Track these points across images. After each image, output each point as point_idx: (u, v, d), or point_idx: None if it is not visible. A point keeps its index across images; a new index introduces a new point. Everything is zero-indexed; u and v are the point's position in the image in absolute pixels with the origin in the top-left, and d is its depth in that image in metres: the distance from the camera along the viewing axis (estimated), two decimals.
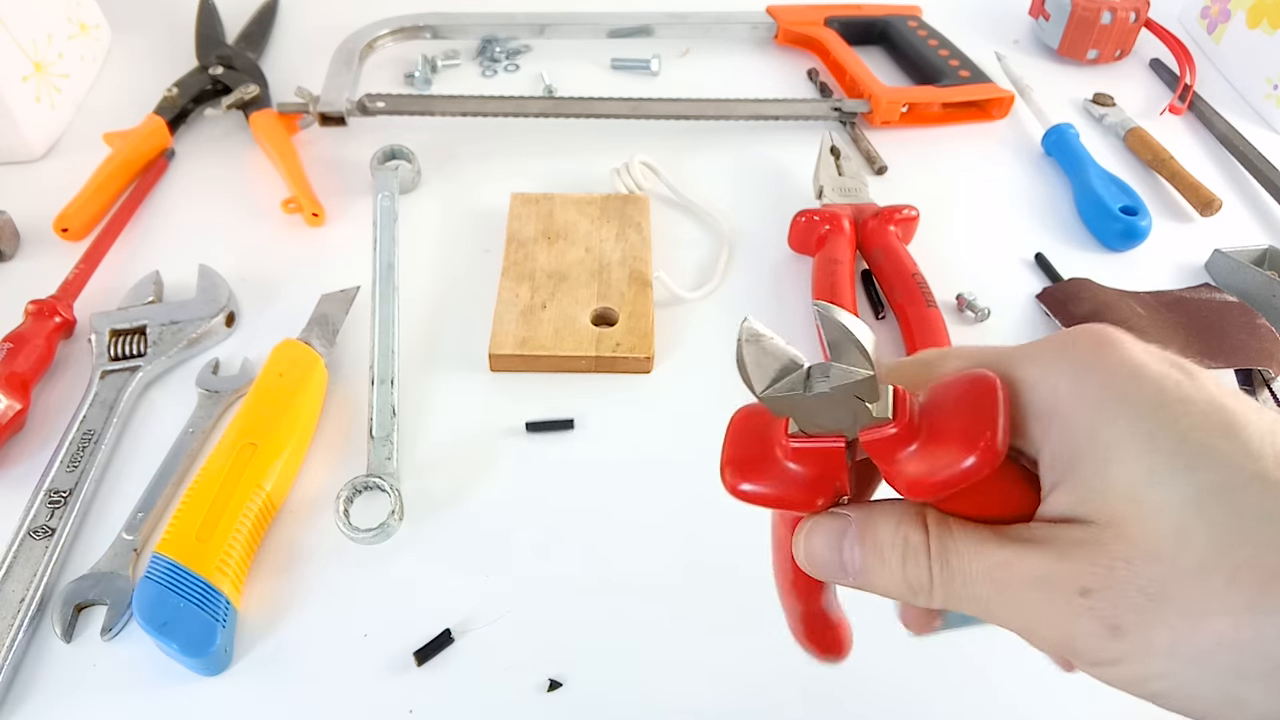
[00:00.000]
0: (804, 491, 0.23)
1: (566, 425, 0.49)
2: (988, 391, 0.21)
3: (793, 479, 0.23)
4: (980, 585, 0.21)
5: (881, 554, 0.22)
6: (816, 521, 0.24)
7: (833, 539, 0.23)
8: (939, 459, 0.21)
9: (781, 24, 0.78)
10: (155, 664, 0.39)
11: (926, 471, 0.21)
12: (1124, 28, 0.76)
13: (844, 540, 0.23)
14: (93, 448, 0.45)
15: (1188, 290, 0.57)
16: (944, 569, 0.21)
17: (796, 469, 0.23)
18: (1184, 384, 0.20)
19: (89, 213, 0.58)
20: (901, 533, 0.22)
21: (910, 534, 0.22)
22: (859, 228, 0.58)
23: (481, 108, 0.67)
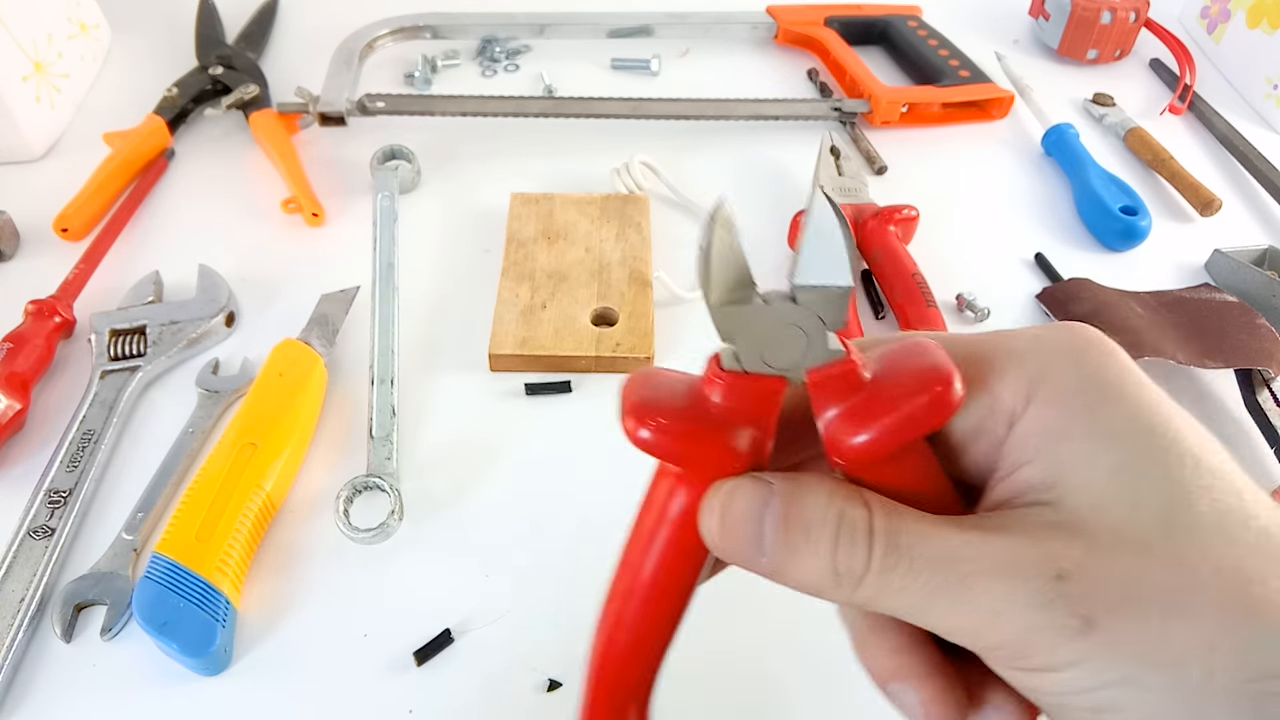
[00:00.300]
0: (725, 439, 0.20)
1: (564, 388, 0.50)
2: (936, 349, 0.20)
3: (714, 423, 0.20)
4: (926, 574, 0.18)
5: (808, 531, 0.19)
6: (736, 485, 0.20)
7: (753, 508, 0.20)
8: (894, 402, 0.19)
9: (781, 24, 0.78)
10: (155, 664, 0.39)
11: (879, 417, 0.19)
12: (1124, 28, 0.76)
13: (765, 511, 0.20)
14: (93, 448, 0.45)
15: (1187, 290, 0.57)
16: (888, 553, 0.19)
17: (721, 410, 0.20)
18: (1160, 392, 0.20)
19: (89, 213, 0.58)
20: (836, 508, 0.19)
21: (848, 509, 0.19)
22: (859, 228, 0.58)
23: (481, 108, 0.67)
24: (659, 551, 0.22)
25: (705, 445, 0.20)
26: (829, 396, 0.19)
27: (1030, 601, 0.17)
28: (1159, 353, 0.49)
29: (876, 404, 0.19)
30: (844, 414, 0.19)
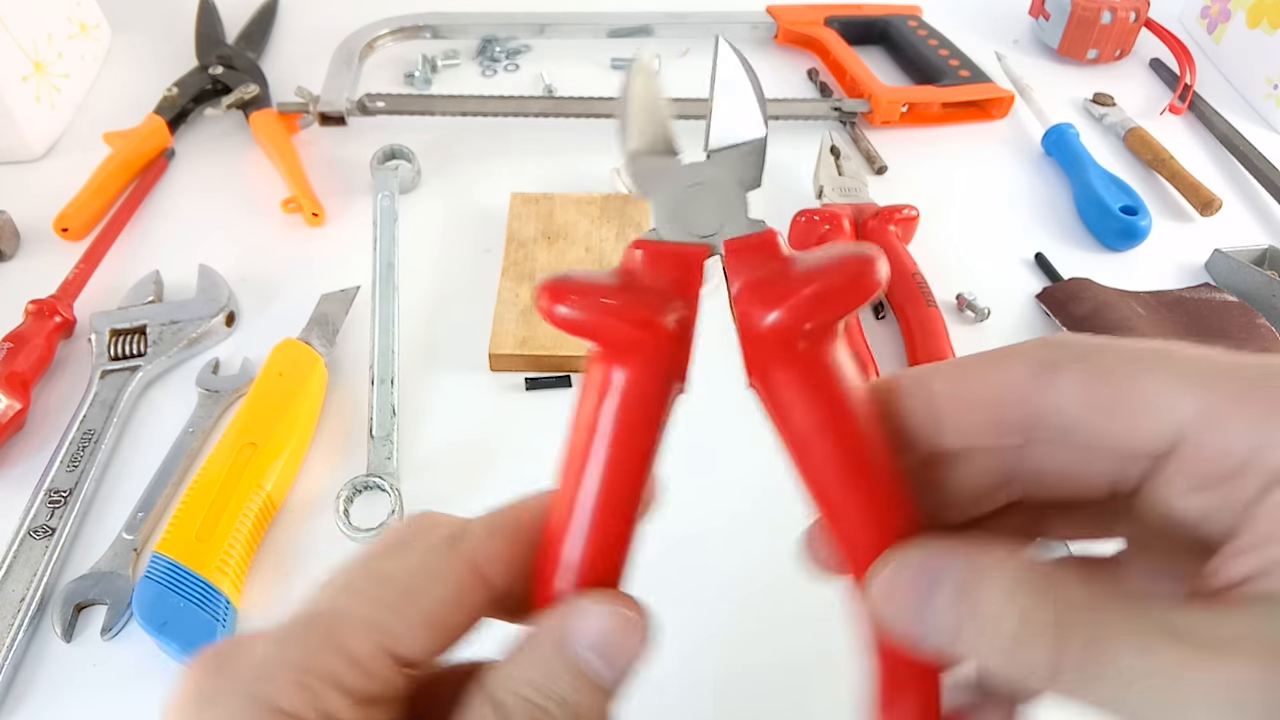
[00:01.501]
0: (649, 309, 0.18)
1: (564, 382, 0.50)
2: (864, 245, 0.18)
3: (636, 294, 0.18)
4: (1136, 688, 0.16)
5: (986, 623, 0.17)
6: (901, 562, 0.18)
7: (917, 592, 0.18)
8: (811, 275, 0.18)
9: (781, 24, 0.78)
10: (155, 664, 0.39)
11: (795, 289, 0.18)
12: (1124, 27, 0.76)
13: (933, 595, 0.17)
14: (93, 447, 0.45)
15: (1187, 290, 0.57)
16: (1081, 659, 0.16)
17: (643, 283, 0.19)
18: None
19: (89, 212, 0.58)
20: (1021, 603, 0.16)
21: (1034, 609, 0.16)
22: (859, 227, 0.58)
23: (481, 108, 0.67)
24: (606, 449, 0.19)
25: (628, 316, 0.18)
26: (745, 267, 0.18)
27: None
28: None
29: (794, 275, 0.18)
30: (757, 282, 0.18)
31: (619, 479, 0.19)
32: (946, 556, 0.18)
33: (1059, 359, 0.18)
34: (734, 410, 0.24)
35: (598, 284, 0.19)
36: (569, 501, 0.20)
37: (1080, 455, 0.19)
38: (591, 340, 0.19)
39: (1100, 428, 0.18)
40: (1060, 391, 0.18)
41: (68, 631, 0.39)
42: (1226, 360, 0.17)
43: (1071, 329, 0.53)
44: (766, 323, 0.18)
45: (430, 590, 0.19)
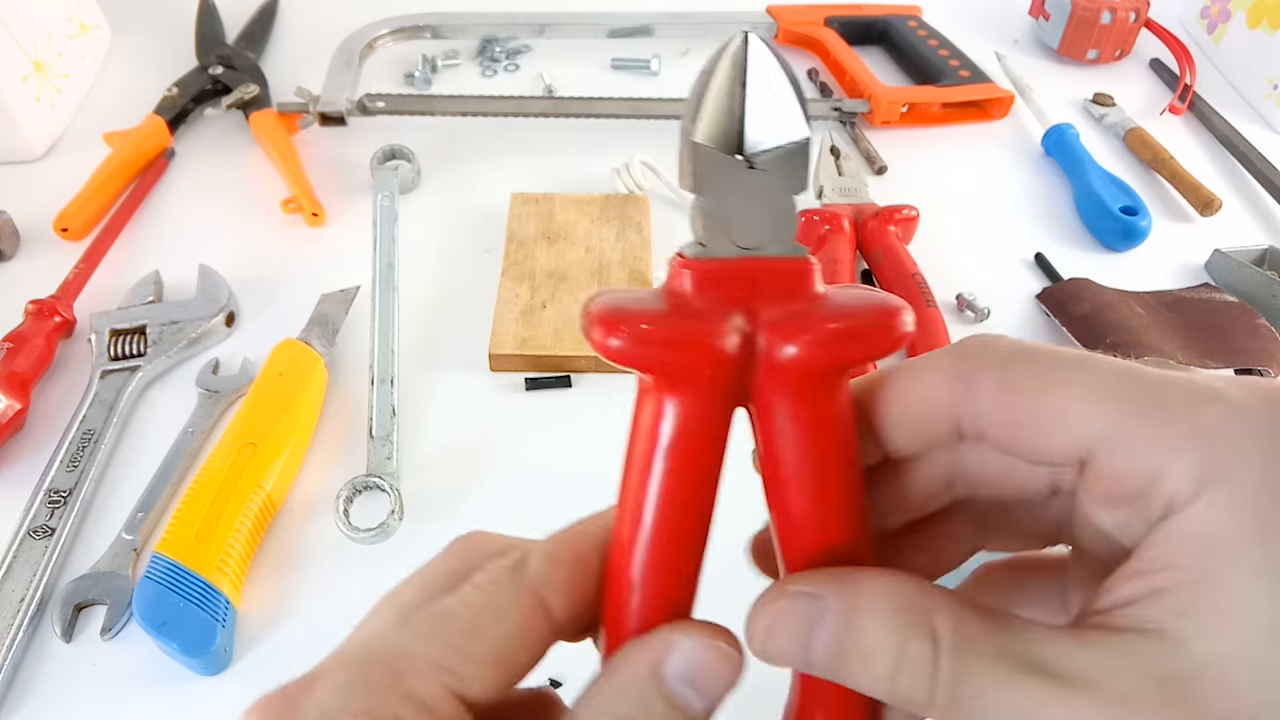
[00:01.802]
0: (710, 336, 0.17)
1: (564, 382, 0.50)
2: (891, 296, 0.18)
3: (694, 318, 0.18)
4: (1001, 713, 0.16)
5: (866, 658, 0.17)
6: (780, 606, 0.18)
7: (798, 626, 0.18)
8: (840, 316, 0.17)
9: (781, 24, 0.78)
10: (155, 663, 0.39)
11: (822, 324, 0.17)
12: (1124, 28, 0.76)
13: (816, 630, 0.18)
14: (93, 447, 0.45)
15: (1187, 290, 0.57)
16: (952, 693, 0.16)
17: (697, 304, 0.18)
18: None
19: (89, 212, 0.58)
20: (897, 639, 0.17)
21: (911, 643, 0.17)
22: (859, 227, 0.58)
23: (481, 108, 0.67)
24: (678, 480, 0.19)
25: (690, 347, 0.17)
26: (793, 291, 0.18)
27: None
28: (1160, 352, 0.49)
29: (821, 313, 0.18)
30: (788, 316, 0.18)
31: (691, 507, 0.19)
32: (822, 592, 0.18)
33: (973, 369, 0.19)
34: None
35: (651, 311, 0.18)
36: (640, 530, 0.19)
37: (1010, 460, 0.20)
38: (653, 374, 0.18)
39: (1013, 438, 0.18)
40: (976, 402, 0.18)
41: (67, 631, 0.39)
42: (1137, 376, 0.17)
43: (1071, 329, 0.53)
44: (783, 355, 0.18)
45: (496, 627, 0.18)
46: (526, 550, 0.20)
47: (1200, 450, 0.16)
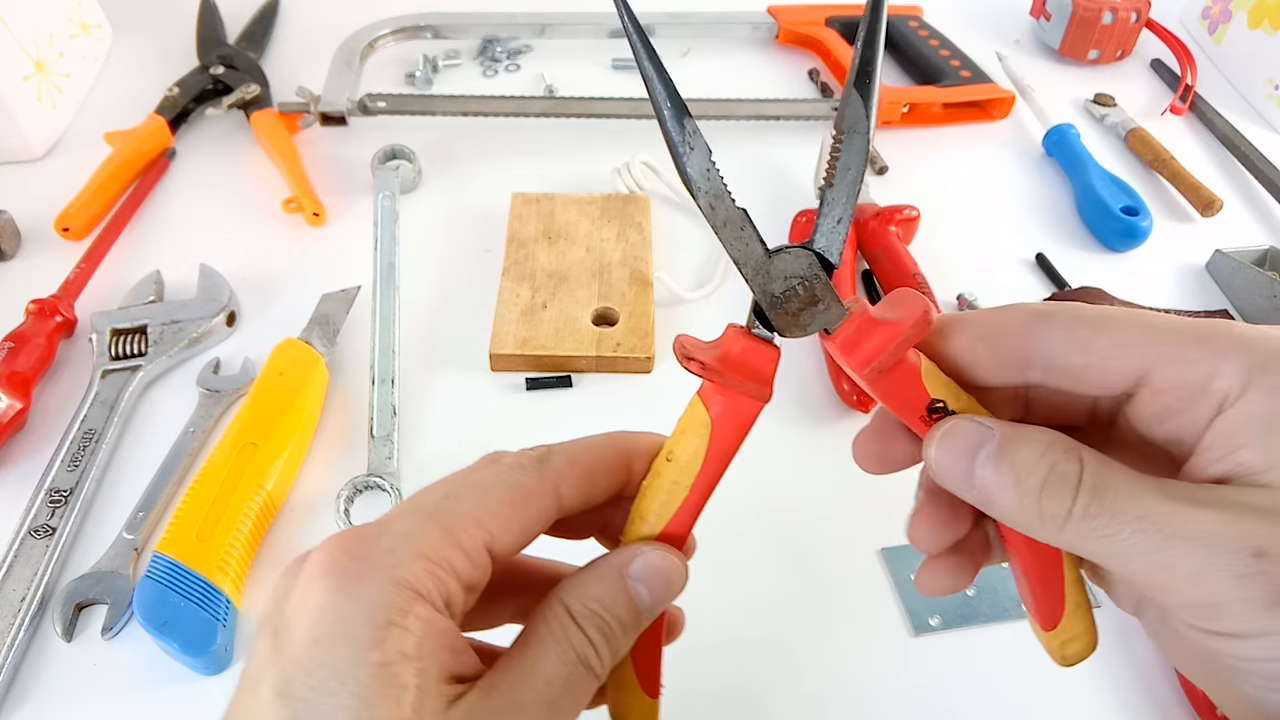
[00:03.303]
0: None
1: (565, 382, 0.50)
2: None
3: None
4: (1128, 531, 0.20)
5: (1018, 476, 0.21)
6: (955, 425, 0.23)
7: (969, 447, 0.22)
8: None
9: (782, 24, 0.78)
10: (156, 663, 0.39)
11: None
12: (1125, 28, 0.76)
13: (981, 450, 0.22)
14: (93, 447, 0.45)
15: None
16: (1093, 504, 0.20)
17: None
18: None
19: (90, 212, 0.58)
20: (1049, 459, 0.21)
21: (1062, 462, 0.21)
22: (860, 228, 0.58)
23: (482, 108, 0.67)
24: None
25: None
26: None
27: (1226, 572, 0.19)
28: None
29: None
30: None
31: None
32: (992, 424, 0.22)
33: (1050, 311, 0.23)
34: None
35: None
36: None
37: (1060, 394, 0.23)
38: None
39: (1081, 366, 0.22)
40: (1050, 334, 0.22)
41: (68, 631, 0.40)
42: (1178, 319, 0.22)
43: None
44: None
45: (524, 502, 0.23)
46: (551, 449, 0.25)
47: (1239, 357, 0.20)
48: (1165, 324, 0.21)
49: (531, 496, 0.23)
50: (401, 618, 0.20)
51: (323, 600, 0.20)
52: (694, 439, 0.25)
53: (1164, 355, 0.21)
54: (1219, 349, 0.20)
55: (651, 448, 0.26)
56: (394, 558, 0.21)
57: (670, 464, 0.25)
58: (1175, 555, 0.19)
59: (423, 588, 0.21)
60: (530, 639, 0.23)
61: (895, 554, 0.43)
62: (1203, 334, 0.21)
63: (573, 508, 0.25)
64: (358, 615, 0.20)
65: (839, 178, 0.23)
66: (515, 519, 0.23)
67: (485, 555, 0.22)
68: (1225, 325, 0.21)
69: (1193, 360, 0.21)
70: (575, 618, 0.23)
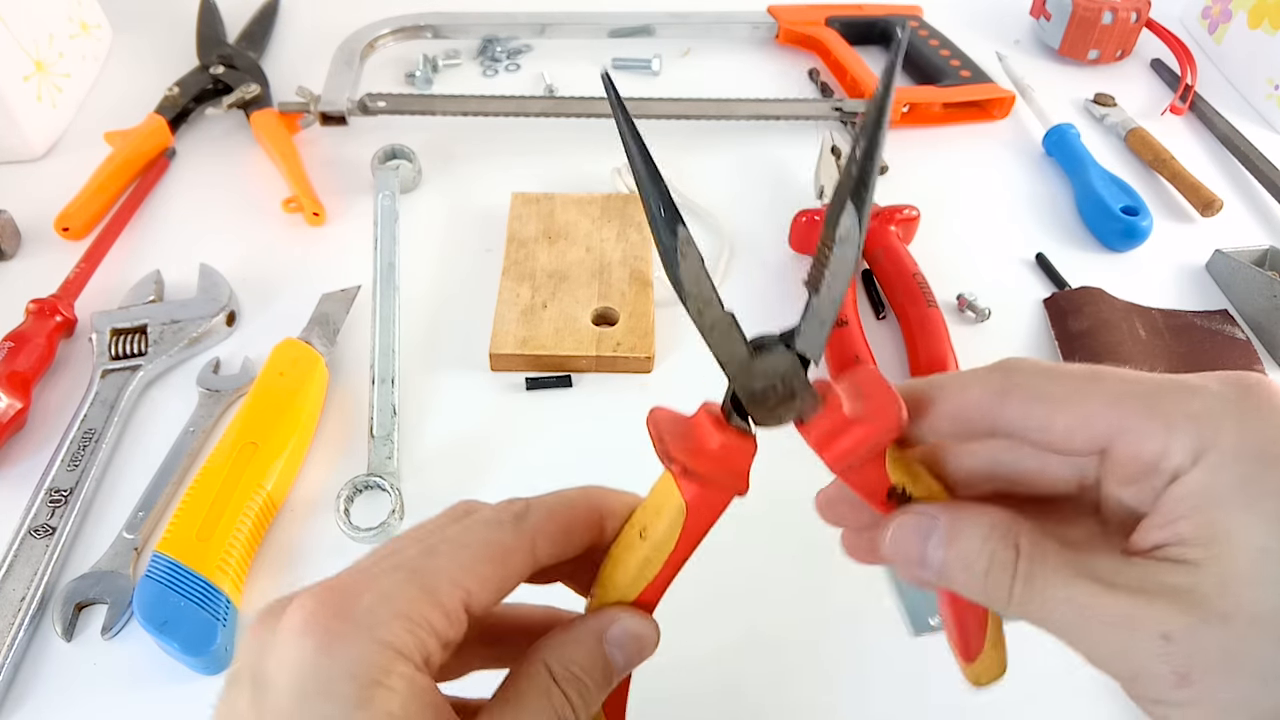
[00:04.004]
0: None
1: (565, 382, 0.50)
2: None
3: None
4: (1059, 612, 0.22)
5: (965, 563, 0.23)
6: (903, 521, 0.24)
7: (918, 539, 0.24)
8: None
9: (782, 24, 0.78)
10: (156, 663, 0.39)
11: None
12: (1125, 28, 0.76)
13: (929, 540, 0.24)
14: (93, 447, 0.45)
15: (1201, 316, 0.56)
16: (1026, 590, 0.22)
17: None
18: None
19: (90, 212, 0.58)
20: (989, 547, 0.23)
21: (999, 551, 0.22)
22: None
23: (482, 107, 0.67)
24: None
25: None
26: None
27: (1140, 652, 0.21)
28: None
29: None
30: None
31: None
32: (937, 513, 0.24)
33: (1010, 386, 0.24)
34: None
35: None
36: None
37: (1043, 458, 0.25)
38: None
39: (1045, 439, 0.23)
40: (1011, 410, 0.23)
41: (68, 631, 0.40)
42: (1137, 381, 0.22)
43: (1064, 344, 0.53)
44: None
45: (501, 558, 0.24)
46: (529, 504, 0.25)
47: (1192, 431, 0.21)
48: (1124, 393, 0.22)
49: (510, 553, 0.24)
50: (386, 677, 0.20)
51: (306, 658, 0.20)
52: (667, 521, 0.25)
53: (1121, 429, 0.22)
54: (1171, 423, 0.21)
55: (624, 508, 0.26)
56: (375, 617, 0.21)
57: (644, 541, 0.25)
58: (1097, 635, 0.21)
59: (404, 647, 0.21)
60: (511, 696, 0.24)
61: None
62: (1158, 406, 0.22)
63: (546, 562, 0.25)
64: (342, 674, 0.20)
65: (827, 285, 0.23)
66: (493, 576, 0.23)
67: (463, 613, 0.22)
68: (1182, 392, 0.22)
69: (1147, 434, 0.22)
70: (556, 679, 0.24)
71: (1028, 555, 0.22)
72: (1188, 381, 0.22)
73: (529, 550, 0.24)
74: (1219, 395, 0.21)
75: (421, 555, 0.23)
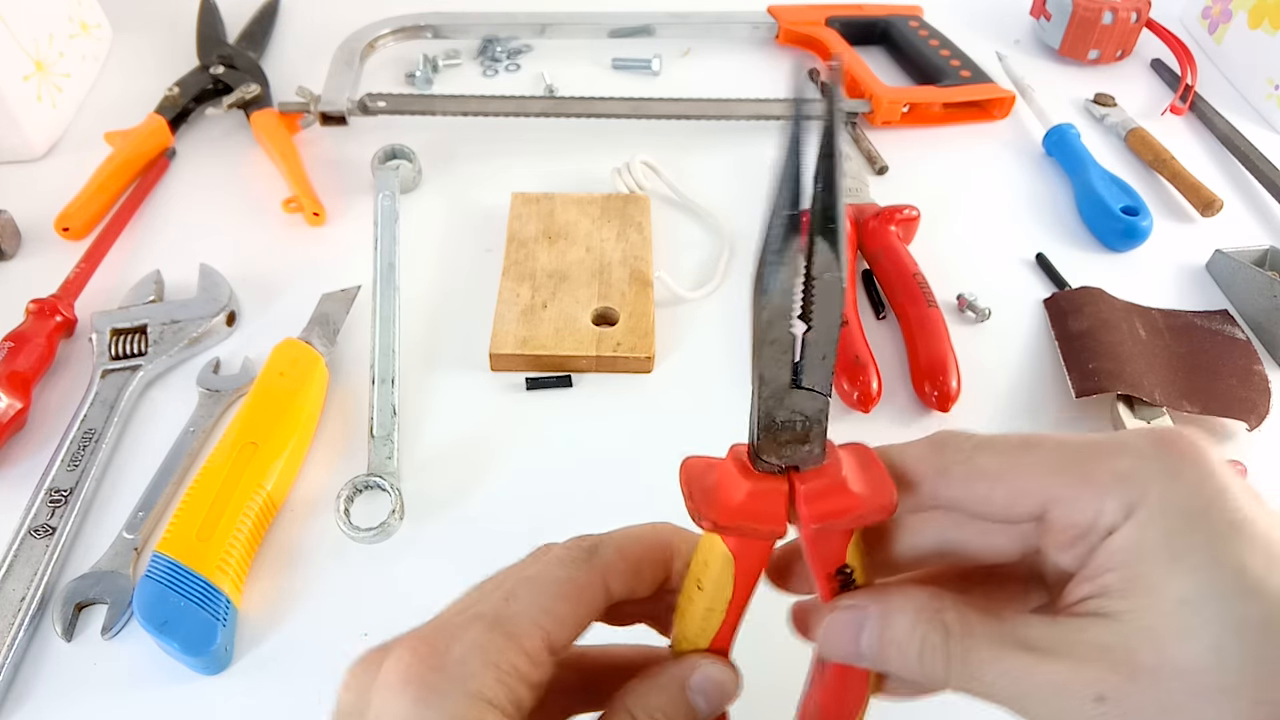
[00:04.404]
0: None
1: (565, 382, 0.50)
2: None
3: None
4: (995, 683, 0.22)
5: (899, 647, 0.24)
6: (834, 619, 0.25)
7: (852, 630, 0.25)
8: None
9: (782, 24, 0.78)
10: (156, 663, 0.39)
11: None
12: (1125, 28, 0.76)
13: (862, 633, 0.24)
14: (93, 447, 0.45)
15: (1201, 316, 0.56)
16: (961, 668, 0.23)
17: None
18: (1252, 508, 0.21)
19: (90, 212, 0.58)
20: (920, 631, 0.23)
21: (929, 634, 0.23)
22: (860, 227, 0.58)
23: (482, 107, 0.67)
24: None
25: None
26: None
27: (1075, 714, 0.21)
28: (1137, 389, 0.48)
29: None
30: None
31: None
32: (867, 604, 0.25)
33: (945, 464, 0.24)
34: None
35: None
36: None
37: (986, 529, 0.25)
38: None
39: (981, 510, 0.24)
40: (950, 488, 0.24)
41: (68, 631, 0.40)
42: (1072, 449, 0.23)
43: (1063, 343, 0.53)
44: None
45: (575, 595, 0.25)
46: (600, 541, 0.26)
47: (1121, 492, 0.22)
48: (1055, 461, 0.23)
49: (583, 590, 0.25)
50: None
51: (406, 711, 0.21)
52: (717, 571, 0.25)
53: (1055, 499, 0.23)
54: (1101, 486, 0.22)
55: (688, 547, 0.27)
56: (467, 669, 0.22)
57: (701, 592, 0.26)
58: (1034, 702, 0.22)
59: (495, 698, 0.22)
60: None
61: None
62: (1088, 470, 0.22)
63: (619, 598, 0.26)
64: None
65: (818, 319, 0.22)
66: (569, 614, 0.24)
67: (546, 654, 0.24)
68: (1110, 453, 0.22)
69: (1080, 501, 0.22)
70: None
71: (956, 634, 0.23)
72: (1117, 441, 0.23)
73: (601, 586, 0.25)
74: (1145, 453, 0.22)
75: (501, 601, 0.24)
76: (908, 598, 0.24)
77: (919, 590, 0.24)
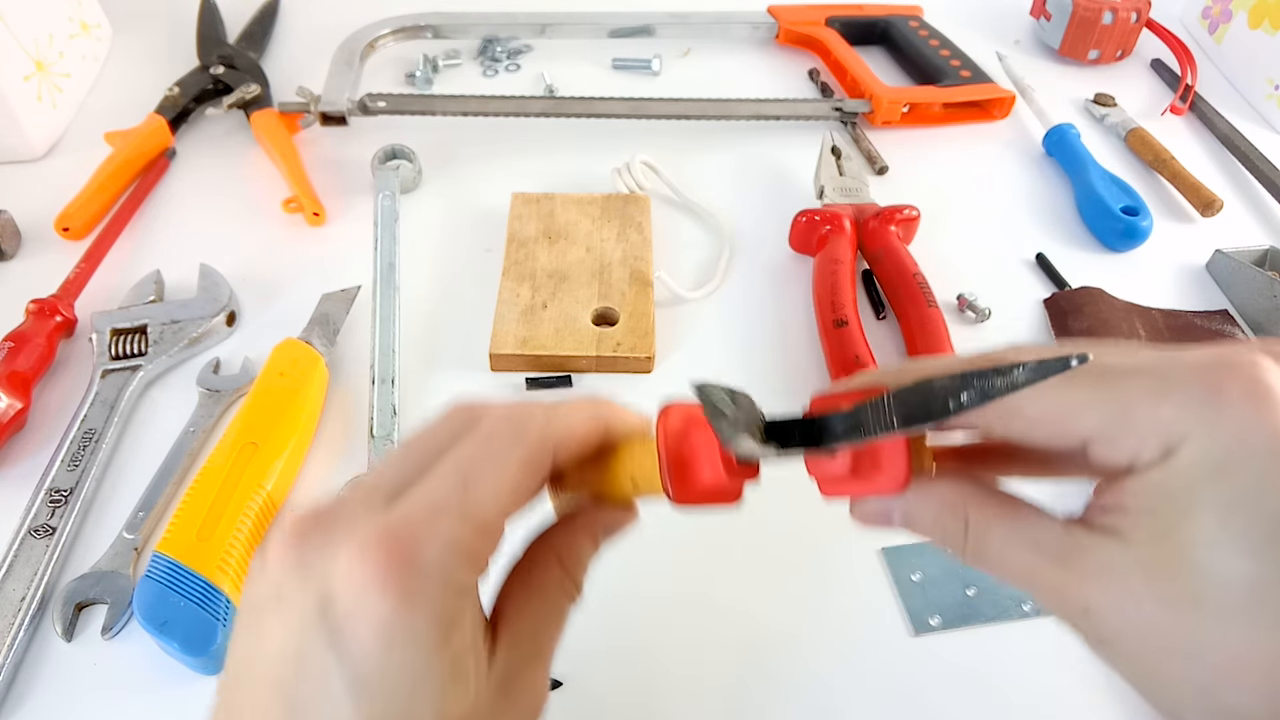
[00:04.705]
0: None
1: (565, 382, 0.50)
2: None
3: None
4: (1003, 574, 0.25)
5: (923, 530, 0.26)
6: (865, 509, 0.27)
7: (883, 514, 0.27)
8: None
9: (782, 24, 0.78)
10: (156, 663, 0.39)
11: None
12: (1125, 28, 0.76)
13: (891, 516, 0.27)
14: (94, 447, 0.45)
15: (1202, 316, 0.56)
16: (975, 558, 0.25)
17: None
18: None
19: (90, 212, 0.58)
20: (941, 523, 0.25)
21: (949, 525, 0.25)
22: (860, 228, 0.58)
23: (483, 107, 0.67)
24: None
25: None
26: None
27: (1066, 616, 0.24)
28: None
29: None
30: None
31: None
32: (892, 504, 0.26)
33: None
34: None
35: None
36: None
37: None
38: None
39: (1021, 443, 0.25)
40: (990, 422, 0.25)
41: (68, 631, 0.40)
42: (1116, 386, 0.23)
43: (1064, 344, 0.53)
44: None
45: (535, 472, 0.25)
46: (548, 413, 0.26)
47: (1159, 439, 0.22)
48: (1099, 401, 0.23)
49: (539, 469, 0.25)
50: (460, 616, 0.23)
51: (388, 612, 0.22)
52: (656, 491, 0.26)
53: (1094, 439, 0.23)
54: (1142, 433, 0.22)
55: (625, 428, 0.28)
56: (445, 568, 0.22)
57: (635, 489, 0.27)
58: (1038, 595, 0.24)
59: (469, 582, 0.24)
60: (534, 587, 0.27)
61: (895, 554, 0.43)
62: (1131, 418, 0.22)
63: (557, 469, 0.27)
64: (425, 623, 0.22)
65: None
66: (527, 491, 0.25)
67: (504, 526, 0.25)
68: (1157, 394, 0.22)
69: (1119, 443, 0.23)
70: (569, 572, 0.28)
71: (974, 528, 0.25)
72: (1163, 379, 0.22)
73: (550, 460, 0.26)
74: (1191, 400, 0.22)
75: (459, 487, 0.24)
76: (932, 492, 0.26)
77: (944, 485, 0.26)
